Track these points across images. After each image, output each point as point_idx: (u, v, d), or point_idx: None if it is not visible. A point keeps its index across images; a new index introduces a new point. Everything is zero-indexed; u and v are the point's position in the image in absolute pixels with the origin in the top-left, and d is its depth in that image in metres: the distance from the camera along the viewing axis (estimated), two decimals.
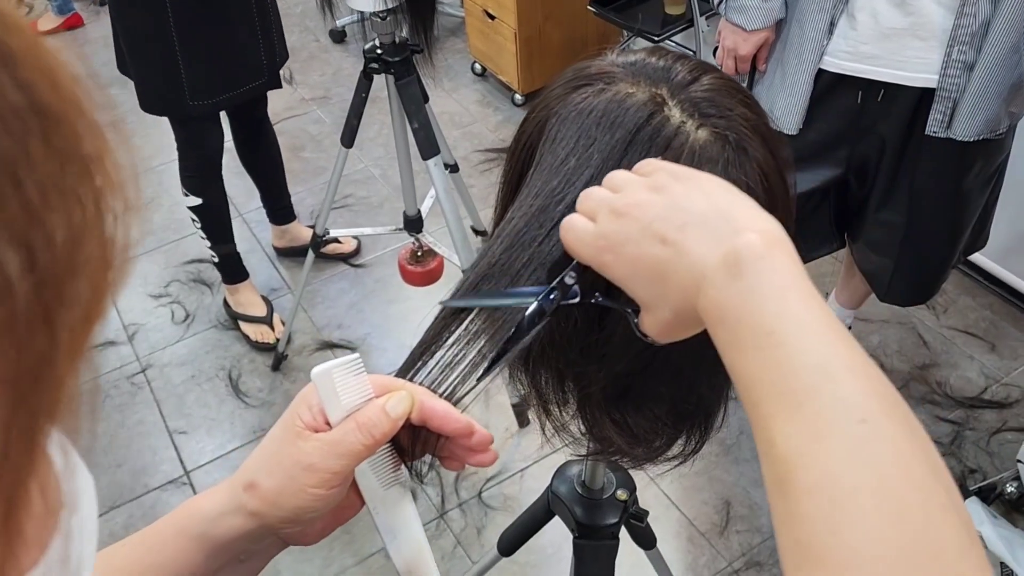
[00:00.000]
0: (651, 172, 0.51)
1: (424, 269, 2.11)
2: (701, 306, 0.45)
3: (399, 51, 1.76)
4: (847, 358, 0.40)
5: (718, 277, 0.44)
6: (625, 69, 0.62)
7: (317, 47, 3.60)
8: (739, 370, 0.43)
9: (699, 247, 0.45)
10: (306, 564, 1.82)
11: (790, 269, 0.43)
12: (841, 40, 1.42)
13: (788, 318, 0.41)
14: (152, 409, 2.18)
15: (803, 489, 0.37)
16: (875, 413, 0.38)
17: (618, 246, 0.48)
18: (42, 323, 0.23)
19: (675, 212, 0.47)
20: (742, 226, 0.44)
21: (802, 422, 0.39)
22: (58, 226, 0.23)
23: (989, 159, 1.49)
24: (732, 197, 0.47)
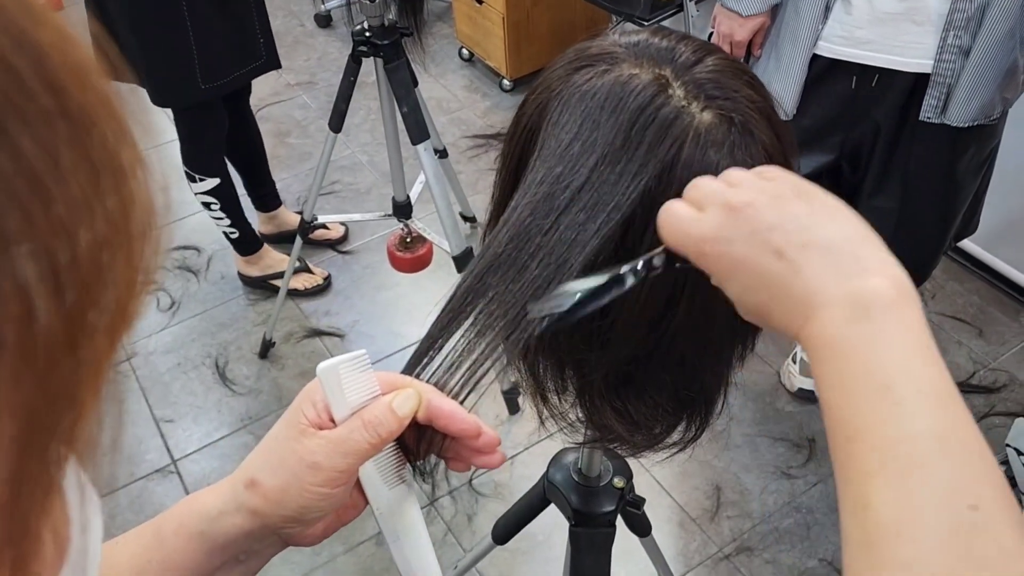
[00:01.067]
0: (773, 178, 0.48)
1: (413, 255, 2.10)
2: (808, 334, 0.42)
3: (388, 34, 1.74)
4: (965, 435, 0.38)
5: (839, 314, 0.41)
6: (628, 50, 0.61)
7: (302, 32, 3.56)
8: (840, 415, 0.40)
9: (821, 275, 0.42)
10: (295, 552, 1.81)
11: (918, 326, 0.41)
12: (836, 25, 1.41)
13: (911, 378, 0.39)
14: (138, 397, 2.15)
15: (896, 562, 0.35)
16: (987, 501, 0.36)
17: (724, 242, 0.45)
18: (65, 350, 0.22)
19: (797, 228, 0.44)
20: (873, 268, 0.42)
21: (907, 494, 0.36)
22: (85, 241, 0.22)
23: (982, 144, 1.49)
24: (862, 232, 0.44)
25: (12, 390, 0.20)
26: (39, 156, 0.20)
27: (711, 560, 1.80)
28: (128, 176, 0.23)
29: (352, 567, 1.80)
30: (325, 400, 0.48)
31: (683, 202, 0.49)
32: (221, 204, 2.16)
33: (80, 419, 0.23)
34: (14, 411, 0.21)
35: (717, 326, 0.64)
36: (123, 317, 0.24)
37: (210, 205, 2.16)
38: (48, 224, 0.21)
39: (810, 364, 0.43)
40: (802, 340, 0.43)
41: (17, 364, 0.20)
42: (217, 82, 1.93)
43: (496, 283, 0.56)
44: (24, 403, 0.21)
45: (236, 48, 1.96)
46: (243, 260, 2.38)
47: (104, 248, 0.22)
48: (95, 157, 0.22)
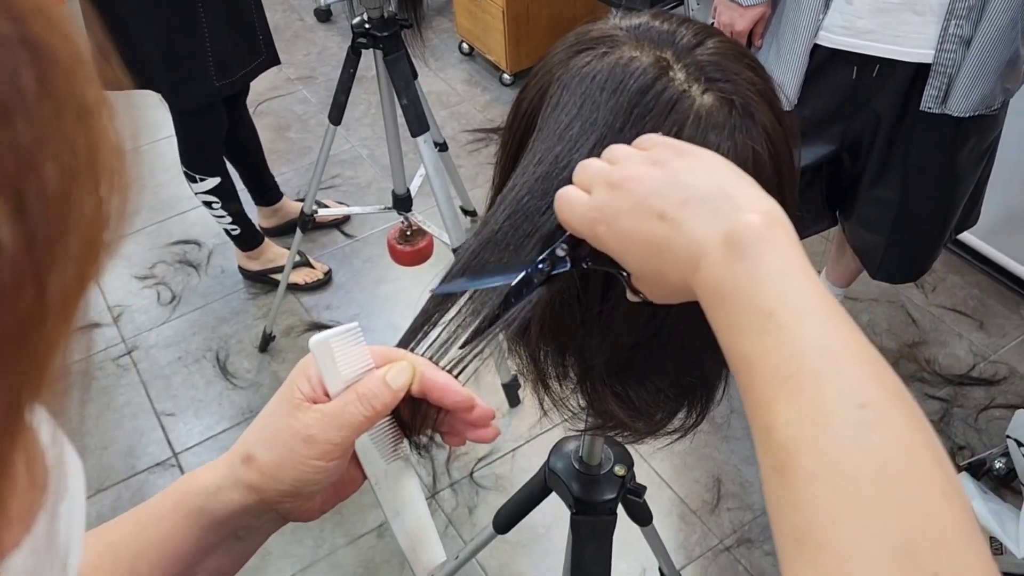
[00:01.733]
0: (651, 146, 0.50)
1: (413, 248, 2.09)
2: (697, 283, 0.44)
3: (388, 26, 1.74)
4: (849, 342, 0.39)
5: (717, 256, 0.43)
6: (629, 33, 0.61)
7: (302, 26, 3.55)
8: (736, 351, 0.42)
9: (699, 225, 0.44)
10: (296, 545, 1.81)
11: (791, 251, 0.42)
12: (837, 15, 1.40)
13: (789, 300, 0.40)
14: (139, 391, 2.15)
15: (803, 476, 0.36)
16: (877, 399, 0.37)
17: (612, 219, 0.47)
18: (31, 280, 0.21)
19: (674, 187, 0.46)
20: (744, 205, 0.44)
21: (803, 407, 0.38)
22: (51, 175, 0.21)
23: (983, 135, 1.48)
24: (734, 176, 0.46)
25: None
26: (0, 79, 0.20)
27: (711, 552, 1.80)
28: (94, 115, 0.23)
29: (353, 559, 1.80)
30: (319, 374, 0.48)
31: (574, 187, 0.51)
32: (222, 202, 2.17)
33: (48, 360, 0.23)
34: None
35: None
36: (92, 260, 0.24)
37: (211, 204, 2.17)
38: (13, 153, 0.20)
39: (706, 314, 0.44)
40: (696, 292, 0.45)
41: None
42: (229, 79, 1.95)
43: (492, 260, 0.56)
44: None
45: (241, 46, 1.97)
46: (244, 254, 2.38)
47: (71, 185, 0.22)
48: (59, 90, 0.22)
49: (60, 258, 0.22)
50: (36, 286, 0.22)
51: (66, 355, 0.24)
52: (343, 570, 1.78)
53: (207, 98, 1.96)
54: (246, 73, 2.02)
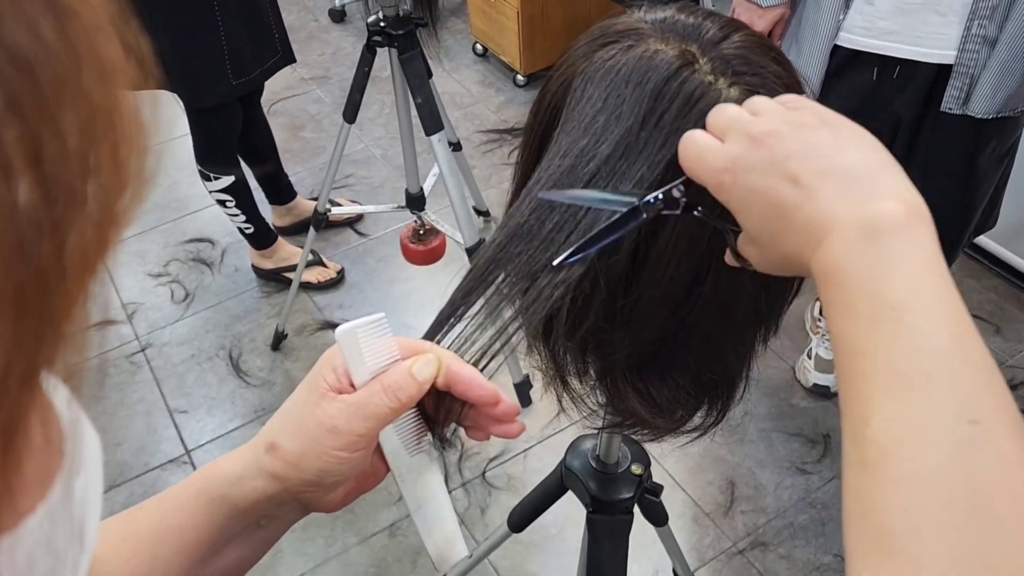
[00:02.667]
0: (798, 107, 0.47)
1: (426, 248, 2.09)
2: (818, 260, 0.42)
3: (403, 24, 1.74)
4: (970, 351, 0.37)
5: (849, 237, 0.41)
6: (654, 26, 0.60)
7: (316, 27, 3.56)
8: (846, 337, 0.40)
9: (834, 200, 0.42)
10: (309, 543, 1.81)
11: (929, 247, 0.40)
12: (858, 15, 1.39)
13: (917, 298, 0.38)
14: (152, 388, 2.16)
15: (894, 477, 0.35)
16: (989, 416, 0.36)
17: (743, 171, 0.45)
18: (49, 235, 0.21)
19: (817, 155, 0.43)
20: (887, 192, 0.41)
21: (908, 408, 0.36)
22: (70, 129, 0.21)
23: (1004, 137, 1.47)
24: (882, 158, 0.44)
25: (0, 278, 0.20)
26: (19, 30, 0.20)
27: (725, 555, 1.79)
28: (114, 77, 0.23)
29: (365, 558, 1.80)
30: (345, 364, 0.48)
31: (704, 132, 0.49)
32: (236, 201, 2.18)
33: (65, 320, 0.22)
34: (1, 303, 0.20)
35: (742, 306, 0.64)
36: (111, 223, 0.23)
37: (225, 203, 2.17)
38: (33, 103, 0.20)
39: (819, 291, 0.43)
40: (813, 267, 0.43)
41: (7, 248, 0.20)
42: (246, 78, 1.96)
43: (518, 253, 0.55)
44: (12, 292, 0.20)
45: (257, 44, 1.98)
46: (257, 253, 2.38)
47: (91, 143, 0.22)
48: (79, 46, 0.22)
49: (78, 217, 0.22)
50: (54, 242, 0.21)
51: (84, 319, 0.23)
52: (355, 569, 1.78)
53: (224, 96, 1.97)
54: (262, 71, 2.02)
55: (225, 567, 0.51)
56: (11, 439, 0.22)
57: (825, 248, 0.42)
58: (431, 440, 0.54)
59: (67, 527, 0.27)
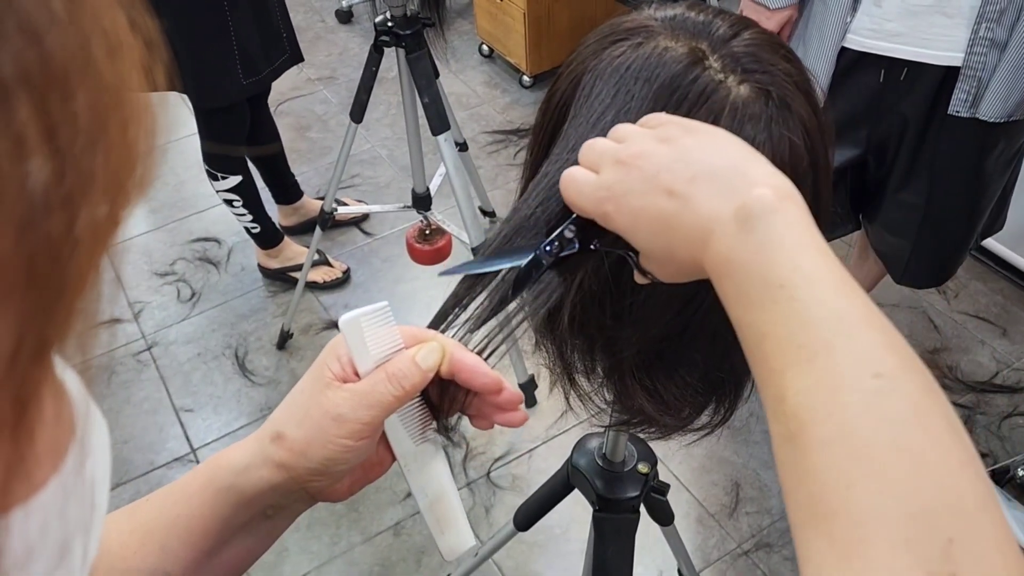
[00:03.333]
0: (659, 124, 0.50)
1: (432, 247, 2.10)
2: (708, 259, 0.44)
3: (410, 24, 1.74)
4: (862, 311, 0.39)
5: (728, 230, 0.43)
6: (664, 23, 0.61)
7: (323, 27, 3.57)
8: (747, 324, 0.42)
9: (709, 200, 0.44)
10: (314, 541, 1.81)
11: (802, 223, 0.42)
12: (865, 17, 1.39)
13: (801, 271, 0.40)
14: (158, 386, 2.16)
15: (816, 443, 0.36)
16: (891, 367, 0.37)
17: (620, 197, 0.47)
18: (60, 205, 0.21)
19: (684, 164, 0.45)
20: (755, 180, 0.43)
21: (816, 376, 0.38)
22: (82, 103, 0.21)
23: (1012, 140, 1.47)
24: (745, 152, 0.46)
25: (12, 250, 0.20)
26: (31, 2, 0.20)
27: (729, 556, 1.78)
28: (123, 53, 0.23)
29: (370, 557, 1.80)
30: (349, 353, 0.48)
31: (580, 168, 0.51)
32: (243, 201, 2.19)
33: (76, 295, 0.23)
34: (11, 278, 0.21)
35: None
36: (121, 198, 0.24)
37: (232, 202, 2.18)
38: (45, 74, 0.20)
39: (716, 290, 0.44)
40: (706, 268, 0.45)
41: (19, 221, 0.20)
42: (256, 77, 1.97)
43: (524, 245, 0.55)
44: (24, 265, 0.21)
45: (266, 44, 1.99)
46: (263, 252, 2.39)
47: (101, 117, 0.22)
48: (88, 19, 0.22)
49: (89, 192, 0.22)
50: (65, 216, 0.22)
51: (95, 296, 0.24)
52: (359, 568, 1.78)
53: (235, 96, 1.98)
54: (272, 70, 2.03)
55: (232, 558, 0.52)
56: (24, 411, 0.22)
57: (710, 247, 0.44)
58: (436, 429, 0.54)
59: (79, 502, 0.27)
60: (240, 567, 0.53)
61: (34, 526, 0.25)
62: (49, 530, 0.25)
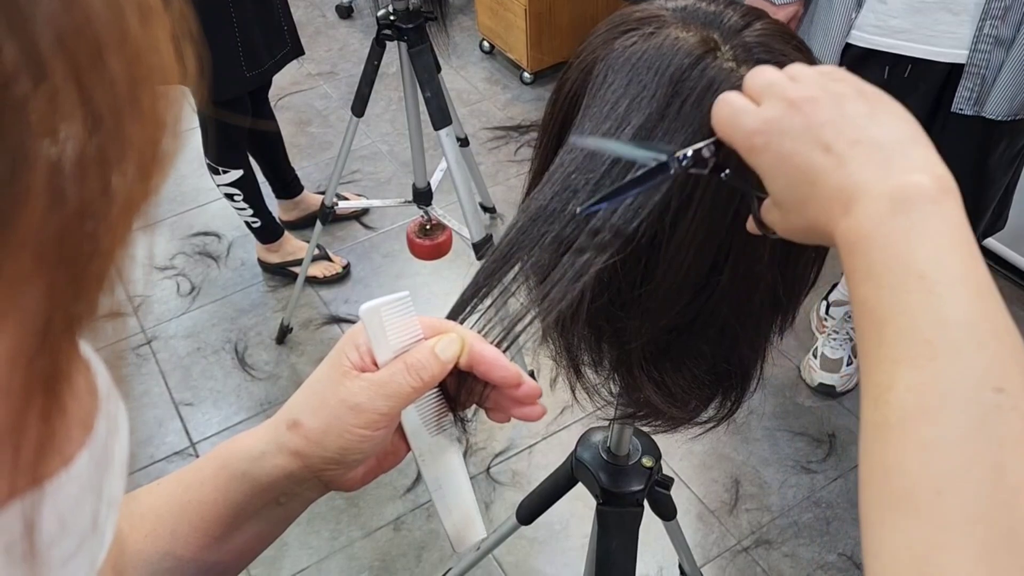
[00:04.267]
0: (838, 79, 0.48)
1: (433, 242, 2.09)
2: (843, 227, 0.42)
3: (412, 18, 1.74)
4: (998, 324, 0.38)
5: (878, 207, 0.41)
6: (675, 13, 0.60)
7: (323, 23, 3.56)
8: (871, 306, 0.40)
9: (865, 169, 0.42)
10: (313, 536, 1.81)
11: (957, 221, 0.40)
12: (870, 14, 1.39)
13: (946, 268, 0.39)
14: (157, 380, 2.16)
15: (914, 442, 0.35)
16: (1014, 384, 0.36)
17: (776, 135, 0.45)
18: (94, 170, 0.21)
19: (851, 125, 0.44)
20: (918, 165, 0.42)
21: (934, 375, 0.36)
22: (116, 64, 0.21)
23: (1015, 138, 1.47)
24: (914, 133, 0.44)
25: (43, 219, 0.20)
26: None
27: (729, 552, 1.78)
28: (152, 15, 0.23)
29: (370, 552, 1.80)
30: (368, 342, 0.48)
31: (740, 94, 0.49)
32: (244, 195, 2.18)
33: (108, 263, 0.22)
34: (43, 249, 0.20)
35: (760, 294, 0.64)
36: (153, 168, 0.23)
37: (233, 196, 2.18)
38: (81, 42, 0.20)
39: (841, 259, 0.43)
40: (837, 235, 0.43)
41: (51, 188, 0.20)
42: (259, 70, 1.97)
43: (541, 235, 0.55)
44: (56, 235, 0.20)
45: (268, 36, 1.99)
46: (263, 247, 2.38)
47: (135, 83, 0.22)
48: None
49: (123, 159, 0.22)
50: (99, 183, 0.21)
51: (123, 271, 0.23)
52: (359, 563, 1.78)
53: (239, 89, 1.98)
54: (274, 63, 2.03)
55: (243, 544, 0.52)
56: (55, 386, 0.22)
57: (852, 216, 0.42)
58: (452, 421, 0.54)
59: (108, 473, 0.27)
60: (250, 553, 0.53)
61: (67, 499, 0.24)
62: (83, 501, 0.25)
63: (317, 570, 1.77)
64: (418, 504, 1.87)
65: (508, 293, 0.55)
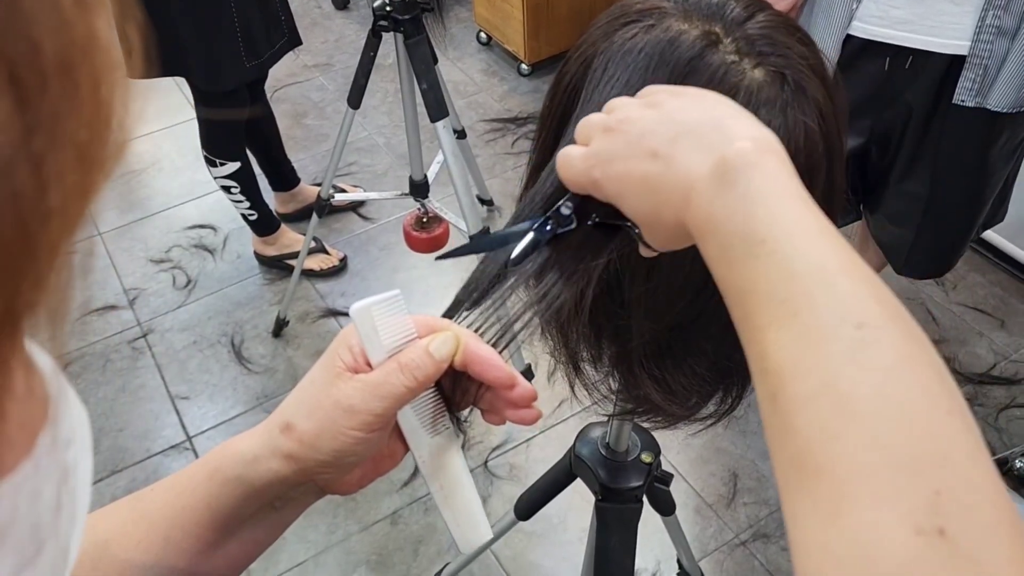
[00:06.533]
0: (650, 92, 0.49)
1: (430, 235, 2.08)
2: (690, 219, 0.43)
3: (409, 9, 1.72)
4: (844, 261, 0.38)
5: (708, 187, 0.42)
6: (676, 5, 0.59)
7: (320, 14, 3.54)
8: (729, 283, 0.41)
9: (689, 158, 0.43)
10: (310, 530, 1.81)
11: (782, 175, 0.41)
12: (872, 4, 1.38)
13: (781, 224, 0.39)
14: (154, 374, 2.15)
15: (799, 399, 0.35)
16: (874, 316, 0.36)
17: (607, 163, 0.47)
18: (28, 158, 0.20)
19: (667, 125, 0.45)
20: (735, 135, 0.42)
21: (797, 330, 0.36)
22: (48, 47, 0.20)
23: (1016, 130, 1.46)
24: (728, 109, 0.45)
25: None
26: None
27: (727, 546, 1.78)
28: (92, 6, 0.22)
29: (367, 546, 1.79)
30: (360, 343, 0.47)
31: (574, 145, 0.50)
32: (241, 187, 2.17)
33: (49, 260, 0.21)
34: None
35: None
36: (97, 163, 0.22)
37: (230, 189, 2.16)
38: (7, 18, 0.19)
39: (700, 250, 0.43)
40: (689, 228, 0.44)
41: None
42: (258, 60, 1.96)
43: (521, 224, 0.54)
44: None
45: (267, 26, 1.98)
46: (260, 240, 2.37)
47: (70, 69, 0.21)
48: None
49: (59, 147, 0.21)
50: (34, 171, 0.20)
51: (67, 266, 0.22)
52: (356, 557, 1.78)
53: (240, 79, 1.96)
54: (272, 54, 2.02)
55: (238, 550, 0.51)
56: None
57: (692, 204, 0.43)
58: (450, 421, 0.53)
59: (54, 486, 0.25)
60: (246, 560, 0.52)
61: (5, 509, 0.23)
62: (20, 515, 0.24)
63: (314, 564, 1.76)
64: (415, 498, 1.87)
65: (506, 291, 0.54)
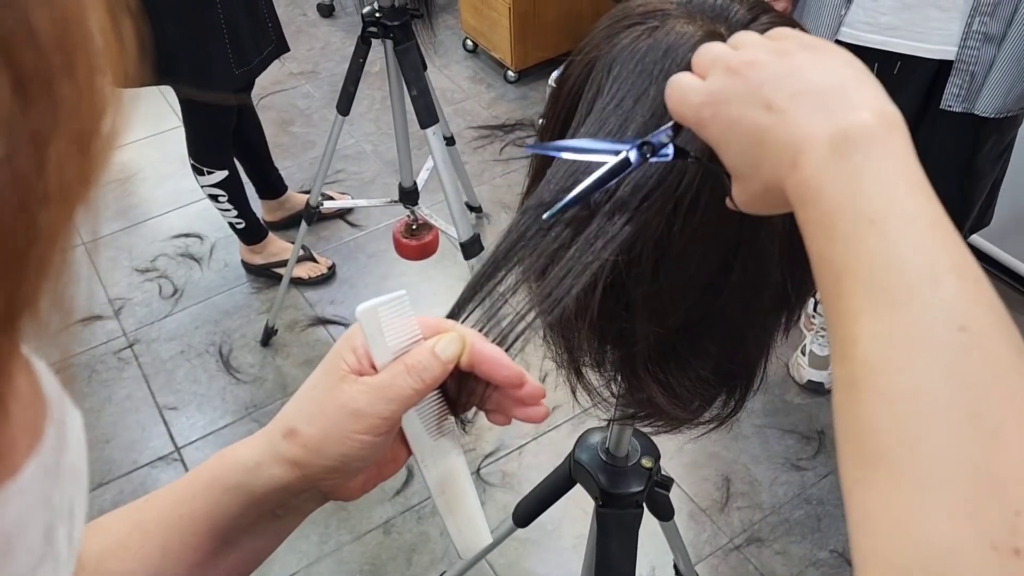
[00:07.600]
0: (781, 37, 0.47)
1: (419, 242, 2.07)
2: (792, 181, 0.41)
3: (398, 15, 1.72)
4: (955, 258, 0.36)
5: (820, 154, 0.39)
6: (680, 6, 0.59)
7: (305, 21, 3.53)
8: (826, 258, 0.39)
9: (806, 118, 0.40)
10: (302, 540, 1.79)
11: (902, 155, 0.38)
12: (860, 10, 1.39)
13: (894, 208, 0.37)
14: (140, 385, 2.12)
15: (885, 395, 0.34)
16: (979, 322, 0.34)
17: (721, 104, 0.44)
18: (27, 140, 0.19)
19: (790, 78, 0.42)
20: (859, 104, 0.40)
21: (896, 323, 0.35)
22: (44, 28, 0.19)
23: (1003, 134, 1.47)
24: (858, 75, 0.42)
25: None
26: None
27: (721, 551, 1.78)
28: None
29: (359, 556, 1.78)
30: (365, 344, 0.46)
31: (689, 73, 0.48)
32: (229, 196, 2.15)
33: (49, 258, 0.21)
34: None
35: (768, 292, 0.63)
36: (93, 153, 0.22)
37: (217, 197, 2.14)
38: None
39: (796, 215, 0.41)
40: (788, 190, 0.42)
41: None
42: (247, 67, 1.95)
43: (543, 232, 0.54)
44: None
45: (255, 33, 1.96)
46: (247, 248, 2.35)
47: (66, 51, 0.20)
48: None
49: (57, 130, 0.20)
50: (34, 154, 0.20)
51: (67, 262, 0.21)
52: (349, 567, 1.76)
53: (231, 86, 1.95)
54: (260, 60, 2.00)
55: (237, 560, 0.49)
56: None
57: (799, 168, 0.40)
58: (453, 423, 0.52)
59: (60, 486, 0.25)
60: (245, 570, 0.51)
61: (13, 512, 0.22)
62: (31, 516, 0.23)
63: (306, 575, 1.74)
64: (408, 506, 1.85)
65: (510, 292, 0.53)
